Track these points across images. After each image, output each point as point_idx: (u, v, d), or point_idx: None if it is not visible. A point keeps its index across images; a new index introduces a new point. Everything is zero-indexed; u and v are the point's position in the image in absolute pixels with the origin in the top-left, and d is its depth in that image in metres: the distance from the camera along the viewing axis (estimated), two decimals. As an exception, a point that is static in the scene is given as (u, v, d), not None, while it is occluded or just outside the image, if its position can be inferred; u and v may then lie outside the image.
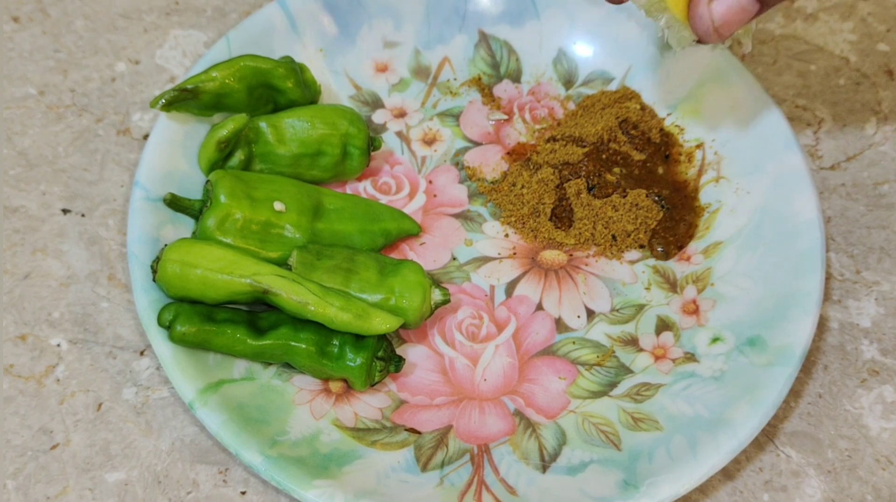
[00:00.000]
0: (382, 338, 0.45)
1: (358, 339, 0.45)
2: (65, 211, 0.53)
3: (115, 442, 0.46)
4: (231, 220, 0.46)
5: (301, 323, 0.45)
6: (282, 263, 0.47)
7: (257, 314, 0.46)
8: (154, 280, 0.45)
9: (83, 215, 0.53)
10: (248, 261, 0.44)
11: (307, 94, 0.52)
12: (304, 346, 0.44)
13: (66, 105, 0.57)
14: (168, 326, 0.44)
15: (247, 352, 0.45)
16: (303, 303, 0.43)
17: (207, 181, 0.48)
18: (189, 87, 0.49)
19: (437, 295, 0.46)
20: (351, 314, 0.43)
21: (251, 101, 0.51)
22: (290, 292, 0.43)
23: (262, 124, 0.50)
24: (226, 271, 0.43)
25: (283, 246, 0.47)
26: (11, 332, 0.49)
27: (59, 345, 0.49)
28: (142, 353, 0.49)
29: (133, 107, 0.57)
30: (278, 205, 0.47)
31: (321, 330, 0.45)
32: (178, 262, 0.44)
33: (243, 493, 0.45)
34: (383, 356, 0.45)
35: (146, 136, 0.56)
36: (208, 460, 0.46)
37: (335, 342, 0.45)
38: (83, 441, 0.46)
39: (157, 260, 0.45)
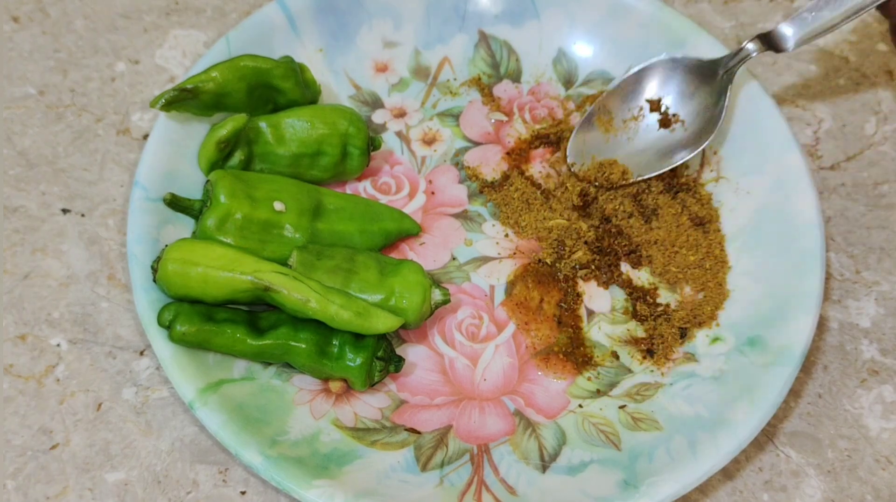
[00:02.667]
0: (382, 338, 0.45)
1: (357, 339, 0.45)
2: (64, 211, 0.53)
3: (114, 442, 0.46)
4: (231, 220, 0.46)
5: (301, 323, 0.45)
6: (282, 263, 0.47)
7: (257, 314, 0.46)
8: (154, 280, 0.45)
9: (83, 215, 0.53)
10: (249, 259, 0.44)
11: (307, 94, 0.52)
12: (303, 346, 0.44)
13: (65, 105, 0.57)
14: (168, 326, 0.44)
15: (247, 351, 0.45)
16: (304, 301, 0.43)
17: (207, 181, 0.48)
18: (189, 86, 0.49)
19: (437, 295, 0.46)
20: (351, 312, 0.43)
21: (251, 100, 0.51)
22: (292, 289, 0.43)
23: (262, 124, 0.50)
24: (227, 268, 0.44)
25: (283, 245, 0.47)
26: (11, 332, 0.49)
27: (58, 345, 0.49)
28: (141, 353, 0.49)
29: (133, 107, 0.57)
30: (278, 205, 0.47)
31: (321, 330, 0.45)
32: (179, 261, 0.44)
33: (243, 493, 0.45)
34: (383, 356, 0.45)
35: (146, 136, 0.56)
36: (208, 460, 0.46)
37: (335, 342, 0.45)
38: (83, 441, 0.46)
39: (158, 260, 0.45)
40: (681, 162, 0.51)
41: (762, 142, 0.52)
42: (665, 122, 0.53)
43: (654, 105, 0.53)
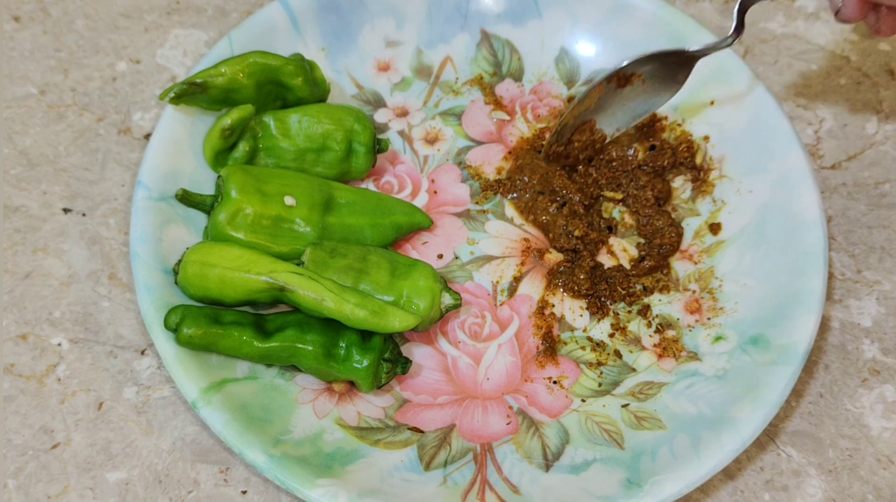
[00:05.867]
0: (389, 339, 0.45)
1: (364, 341, 0.45)
2: (66, 210, 0.53)
3: (115, 441, 0.46)
4: (242, 215, 0.46)
5: (307, 325, 0.45)
6: (293, 258, 0.47)
7: (264, 316, 0.46)
8: (176, 282, 0.46)
9: (84, 214, 0.53)
10: (265, 259, 0.44)
11: (316, 91, 0.52)
12: (310, 348, 0.44)
13: (66, 104, 0.57)
14: (175, 329, 0.44)
15: (253, 354, 0.44)
16: (319, 300, 0.43)
17: (219, 176, 0.48)
18: (198, 80, 0.49)
19: (447, 299, 0.46)
20: (367, 311, 0.43)
21: (260, 97, 0.51)
22: (307, 289, 0.43)
23: (268, 118, 0.50)
24: (243, 269, 0.44)
25: (294, 240, 0.47)
26: (12, 332, 0.49)
27: (59, 345, 0.49)
28: (143, 353, 0.49)
29: (134, 106, 0.57)
30: (289, 200, 0.47)
31: (327, 331, 0.45)
32: (198, 263, 0.44)
33: (244, 492, 0.45)
34: (390, 358, 0.45)
35: (147, 136, 0.56)
36: (209, 459, 0.46)
37: (342, 344, 0.45)
38: (84, 440, 0.46)
39: (179, 262, 0.45)
40: (646, 114, 0.52)
41: (764, 141, 0.52)
42: (622, 80, 0.52)
43: (612, 76, 0.52)
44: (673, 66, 0.51)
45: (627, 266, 0.51)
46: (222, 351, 0.44)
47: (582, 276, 0.50)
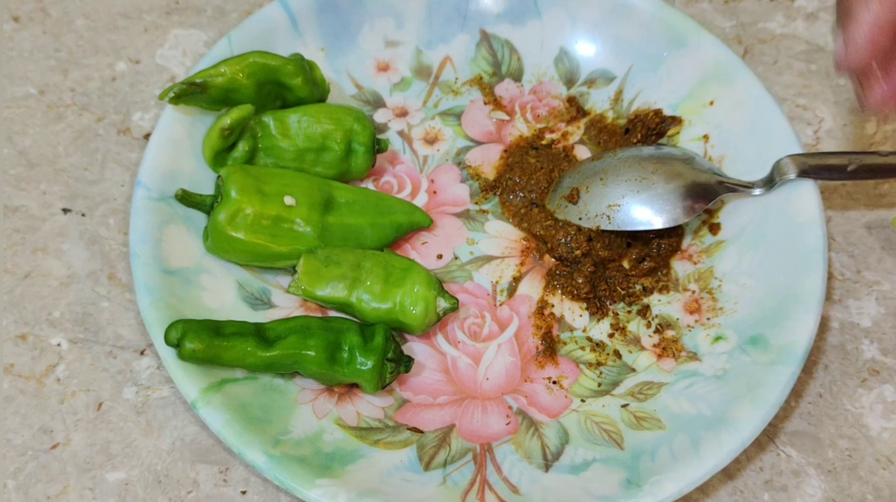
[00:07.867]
0: (391, 339, 0.45)
1: (366, 342, 0.45)
2: (65, 210, 0.53)
3: (115, 441, 0.46)
4: (242, 215, 0.46)
5: (308, 330, 0.45)
6: (293, 257, 0.47)
7: (263, 325, 0.46)
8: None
9: (83, 215, 0.53)
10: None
11: (316, 91, 0.52)
12: (313, 354, 0.44)
13: (66, 104, 0.57)
14: (176, 344, 0.43)
15: (258, 364, 0.44)
16: None
17: (219, 177, 0.48)
18: (198, 80, 0.49)
19: (442, 303, 0.46)
20: None
21: (259, 97, 0.51)
22: None
23: (268, 118, 0.50)
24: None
25: (294, 240, 0.47)
26: (12, 332, 0.49)
27: (59, 345, 0.49)
28: (142, 353, 0.49)
29: (133, 106, 0.57)
30: (289, 200, 0.47)
31: (329, 335, 0.45)
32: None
33: (244, 493, 0.45)
34: (393, 357, 0.45)
35: (147, 136, 0.56)
36: (209, 459, 0.46)
37: (344, 347, 0.45)
38: (83, 440, 0.46)
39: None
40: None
41: (764, 141, 0.52)
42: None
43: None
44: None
45: (627, 266, 0.51)
46: (226, 363, 0.44)
47: (580, 281, 0.50)
